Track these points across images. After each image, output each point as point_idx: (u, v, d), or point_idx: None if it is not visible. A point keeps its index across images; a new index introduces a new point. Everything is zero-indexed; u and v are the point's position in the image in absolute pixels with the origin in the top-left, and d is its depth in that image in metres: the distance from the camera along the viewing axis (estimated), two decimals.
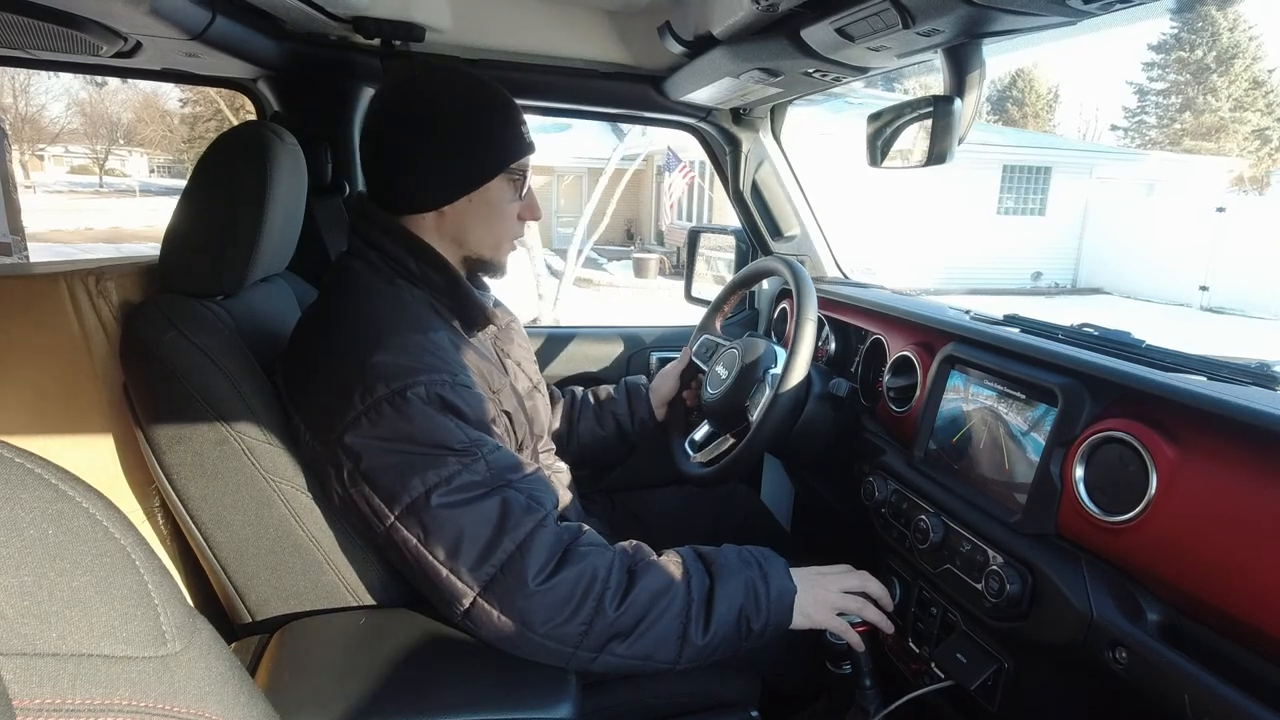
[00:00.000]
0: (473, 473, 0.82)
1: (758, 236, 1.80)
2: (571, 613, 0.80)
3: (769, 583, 0.89)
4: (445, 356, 0.88)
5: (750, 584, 0.88)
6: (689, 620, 0.84)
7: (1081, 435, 0.80)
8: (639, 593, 0.83)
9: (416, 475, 0.80)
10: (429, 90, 0.95)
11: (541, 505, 0.85)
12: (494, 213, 0.98)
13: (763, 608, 0.88)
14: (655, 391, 1.41)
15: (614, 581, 0.83)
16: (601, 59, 1.48)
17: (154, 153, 38.81)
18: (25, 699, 0.30)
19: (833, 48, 1.01)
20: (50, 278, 0.87)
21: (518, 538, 0.81)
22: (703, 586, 0.87)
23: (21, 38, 1.03)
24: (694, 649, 0.84)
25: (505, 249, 1.03)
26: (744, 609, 0.87)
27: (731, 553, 0.92)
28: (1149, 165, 16.35)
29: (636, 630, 0.82)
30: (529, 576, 0.80)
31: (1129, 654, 0.69)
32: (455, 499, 0.80)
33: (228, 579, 0.90)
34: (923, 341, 1.16)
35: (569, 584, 0.81)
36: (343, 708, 0.76)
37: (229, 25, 1.09)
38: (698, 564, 0.90)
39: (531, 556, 0.80)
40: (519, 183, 0.99)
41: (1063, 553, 0.80)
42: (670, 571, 0.87)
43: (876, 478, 1.11)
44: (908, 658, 1.07)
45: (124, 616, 0.35)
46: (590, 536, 0.88)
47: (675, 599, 0.85)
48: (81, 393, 0.88)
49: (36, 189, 18.91)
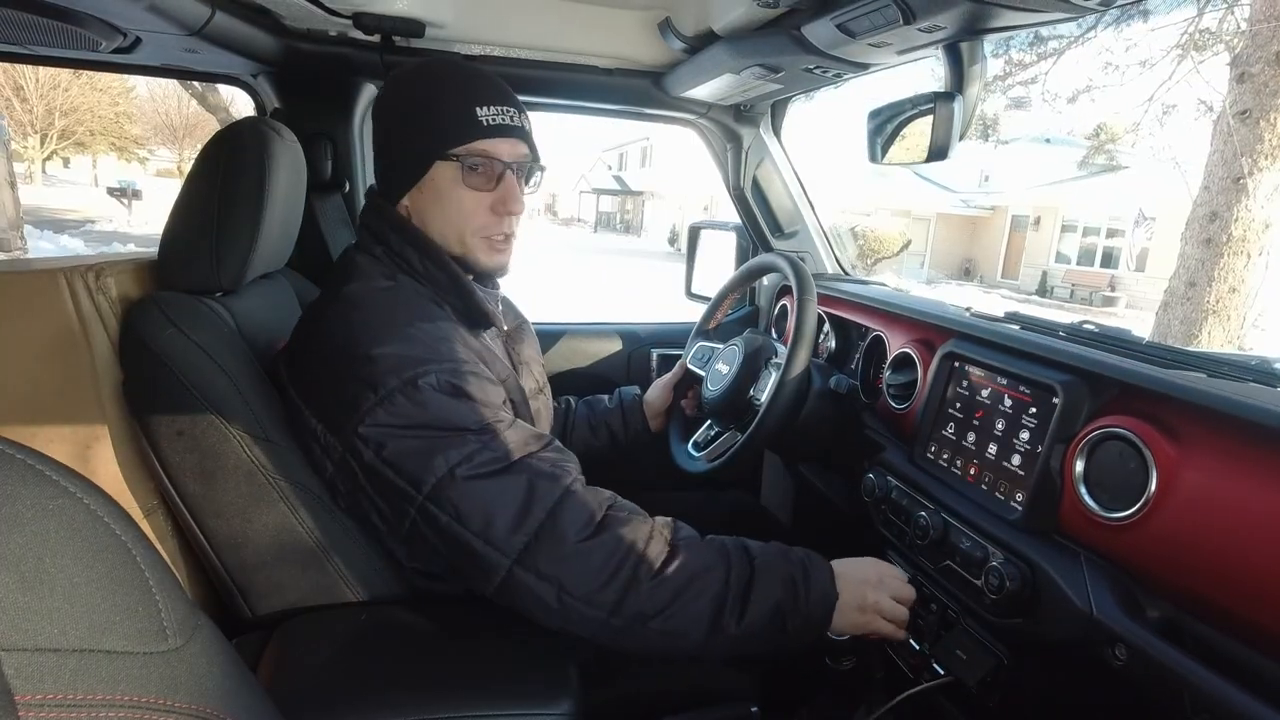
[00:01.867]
0: (493, 449, 0.82)
1: (758, 233, 1.80)
2: (609, 578, 0.80)
3: (810, 584, 0.87)
4: (452, 346, 0.88)
5: (792, 582, 0.86)
6: (724, 606, 0.83)
7: (1082, 432, 0.80)
8: (678, 569, 0.82)
9: (439, 455, 0.80)
10: (398, 77, 0.95)
11: (567, 472, 0.85)
12: (447, 204, 0.93)
13: (800, 608, 0.86)
14: (649, 403, 1.39)
15: (653, 553, 0.82)
16: (602, 55, 1.47)
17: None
18: (27, 694, 0.30)
19: (834, 44, 1.01)
20: (49, 273, 0.87)
21: (548, 505, 0.81)
22: (743, 576, 0.85)
23: (20, 33, 1.03)
24: (725, 638, 0.83)
25: (473, 244, 0.96)
26: (781, 605, 0.85)
27: (775, 549, 0.91)
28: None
29: (671, 607, 0.81)
30: (569, 537, 0.80)
31: (1128, 651, 0.69)
32: (481, 472, 0.81)
33: (228, 575, 0.90)
34: (923, 338, 1.16)
35: (608, 548, 0.80)
36: (344, 704, 0.76)
37: (228, 21, 1.09)
38: (741, 552, 0.88)
39: (566, 521, 0.81)
40: (479, 169, 0.92)
41: (1062, 549, 0.80)
42: (712, 553, 0.86)
43: (876, 474, 1.11)
44: (907, 653, 1.07)
45: (125, 612, 0.35)
46: (626, 504, 0.87)
47: (713, 582, 0.83)
48: (81, 388, 0.89)
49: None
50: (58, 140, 24.22)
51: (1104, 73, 8.85)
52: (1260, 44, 5.65)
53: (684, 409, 1.41)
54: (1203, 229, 5.99)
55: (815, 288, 1.19)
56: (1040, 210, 19.98)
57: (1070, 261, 19.02)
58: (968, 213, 22.05)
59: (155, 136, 31.77)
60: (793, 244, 1.77)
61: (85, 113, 24.55)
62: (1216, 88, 6.95)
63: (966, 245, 22.55)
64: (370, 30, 1.26)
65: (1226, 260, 5.88)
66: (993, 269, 21.43)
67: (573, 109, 1.70)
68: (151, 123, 30.34)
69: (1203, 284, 6.01)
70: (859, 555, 0.97)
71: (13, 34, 1.04)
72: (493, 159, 0.93)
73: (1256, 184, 5.73)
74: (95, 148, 28.33)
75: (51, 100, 22.72)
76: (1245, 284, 5.98)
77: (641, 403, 1.39)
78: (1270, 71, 5.67)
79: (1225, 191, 5.85)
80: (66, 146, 25.78)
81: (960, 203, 21.95)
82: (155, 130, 31.10)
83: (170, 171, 41.77)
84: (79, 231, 13.53)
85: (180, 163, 32.98)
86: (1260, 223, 5.79)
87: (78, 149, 27.90)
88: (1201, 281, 6.02)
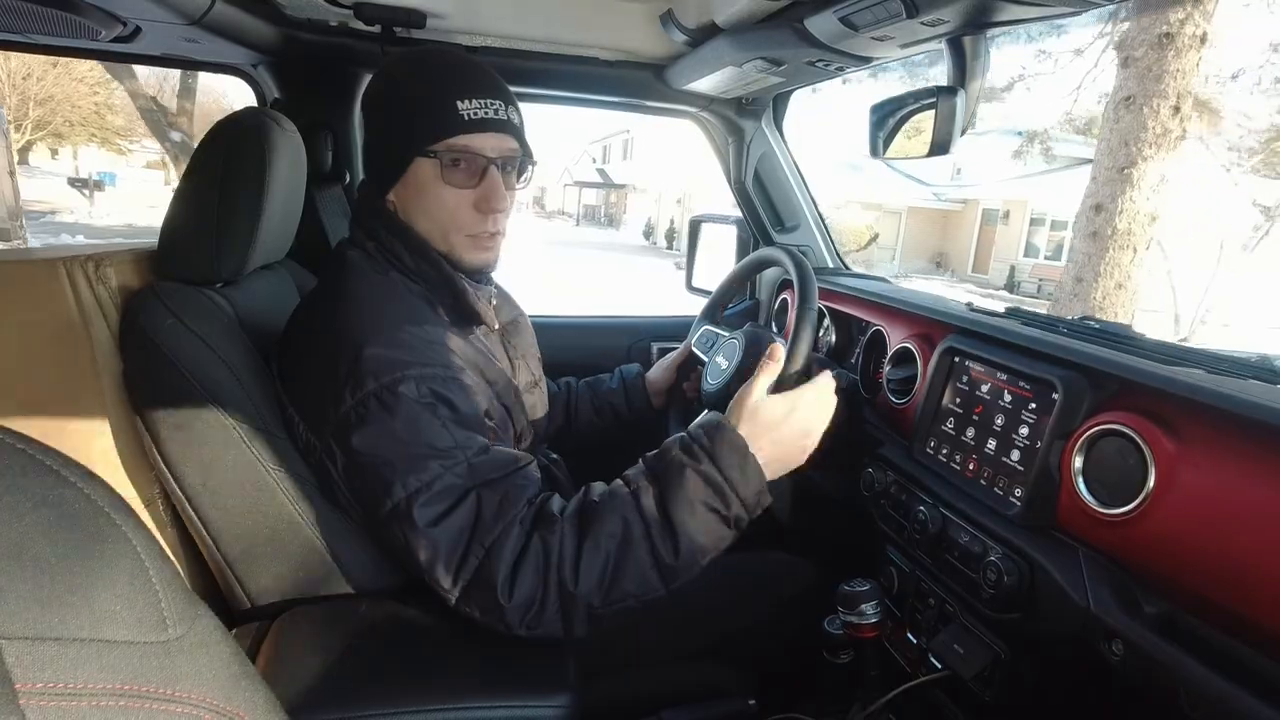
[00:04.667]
0: (455, 475, 0.81)
1: (759, 226, 1.80)
2: (541, 601, 0.79)
3: (720, 462, 0.83)
4: (438, 349, 0.87)
5: (702, 476, 0.82)
6: (654, 546, 0.80)
7: (1081, 428, 0.80)
8: (589, 550, 0.79)
9: (398, 480, 0.80)
10: (380, 72, 0.95)
11: (514, 504, 0.82)
12: (428, 201, 0.91)
13: (728, 492, 0.82)
14: (652, 381, 1.39)
15: (567, 553, 0.79)
16: (604, 47, 1.47)
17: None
18: (27, 683, 0.30)
19: (837, 37, 1.01)
20: (49, 263, 0.86)
21: (486, 543, 0.79)
22: (654, 504, 0.82)
23: (20, 22, 1.03)
24: (677, 567, 0.81)
25: (458, 242, 0.94)
26: (707, 504, 0.81)
27: (673, 448, 0.86)
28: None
29: (604, 582, 0.79)
30: (498, 586, 0.78)
31: (1125, 646, 0.69)
32: (434, 510, 0.79)
33: (227, 566, 0.91)
34: (923, 333, 1.16)
35: (530, 578, 0.79)
36: (342, 695, 0.76)
37: (229, 10, 1.09)
38: (643, 481, 0.84)
39: (499, 563, 0.79)
40: (460, 165, 0.90)
41: (1061, 545, 0.81)
42: (617, 507, 0.82)
43: (875, 468, 1.11)
44: (905, 648, 1.07)
45: (125, 601, 0.36)
46: (546, 514, 0.83)
47: (631, 533, 0.80)
48: (80, 378, 0.88)
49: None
50: (33, 131, 23.70)
51: (1036, 60, 8.67)
52: (1144, 26, 5.42)
53: (685, 392, 1.41)
54: (1089, 222, 5.74)
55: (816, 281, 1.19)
56: (1010, 204, 19.79)
57: (1039, 255, 18.91)
58: (939, 206, 21.85)
59: (140, 127, 31.46)
60: (793, 237, 1.77)
61: (62, 102, 23.60)
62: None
63: (939, 239, 22.38)
64: (371, 20, 1.26)
65: (1112, 254, 5.66)
66: (964, 263, 21.25)
67: (574, 101, 1.69)
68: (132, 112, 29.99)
69: (1089, 279, 5.77)
70: (858, 550, 0.97)
71: (13, 23, 1.04)
72: (475, 154, 0.90)
73: (1141, 174, 5.48)
74: (74, 139, 27.91)
75: (25, 90, 21.88)
76: (1132, 279, 5.69)
77: (644, 381, 1.38)
78: (1153, 55, 5.41)
79: (1110, 182, 5.62)
80: (43, 137, 25.31)
81: (932, 196, 21.77)
82: (139, 121, 30.69)
83: (158, 164, 41.66)
84: (38, 223, 13.50)
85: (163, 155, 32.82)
86: (1146, 215, 5.57)
87: (55, 140, 27.46)
88: (1089, 277, 5.78)
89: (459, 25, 1.36)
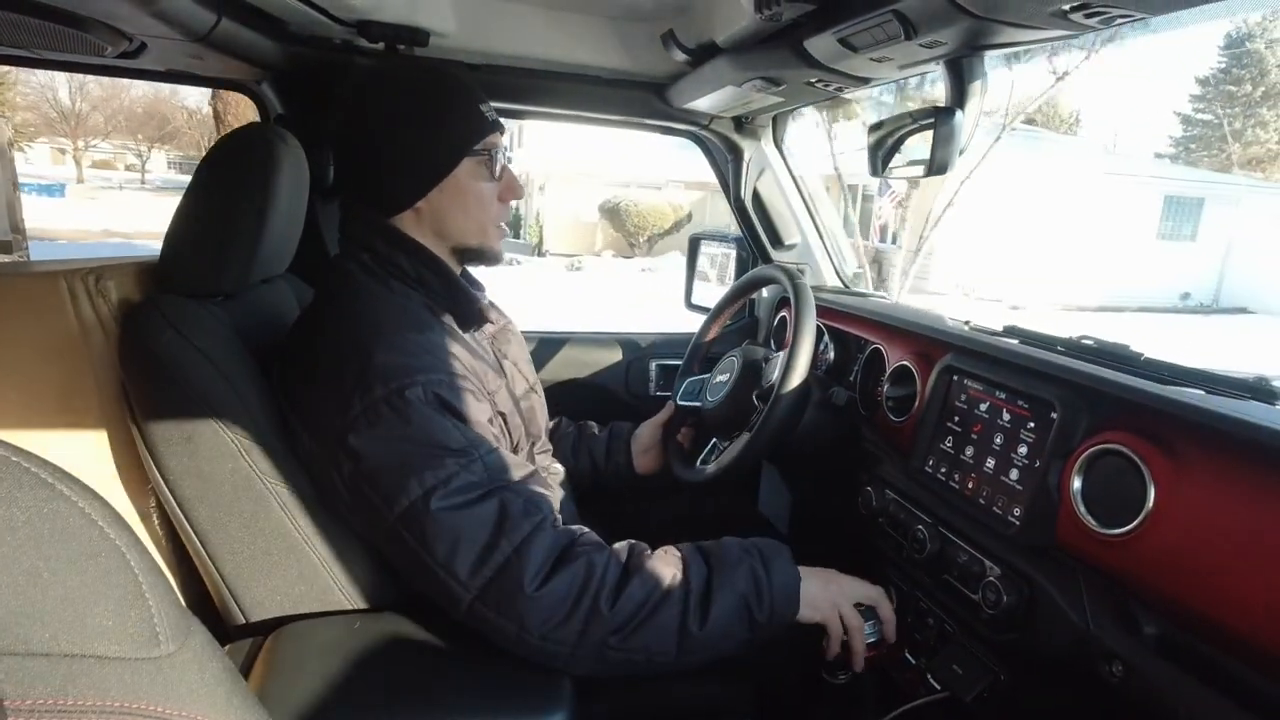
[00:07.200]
0: (470, 473, 0.82)
1: (758, 245, 1.80)
2: (568, 614, 0.79)
3: (771, 571, 0.87)
4: (442, 356, 0.88)
5: (752, 573, 0.86)
6: (687, 611, 0.82)
7: (1079, 448, 0.80)
8: (634, 587, 0.82)
9: (414, 477, 0.80)
10: (383, 86, 0.96)
11: (539, 508, 0.84)
12: (469, 199, 0.97)
13: (765, 597, 0.85)
14: (638, 438, 1.37)
15: (610, 579, 0.82)
16: (604, 66, 1.48)
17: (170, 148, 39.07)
18: (17, 699, 0.30)
19: (835, 58, 1.02)
20: (50, 276, 0.87)
21: (515, 540, 0.80)
22: (701, 576, 0.85)
23: (27, 37, 1.03)
24: (694, 641, 0.82)
25: (492, 234, 1.01)
26: (745, 598, 0.85)
27: (733, 544, 0.91)
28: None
29: (631, 624, 0.81)
30: (526, 580, 0.79)
31: (1125, 667, 0.69)
32: (454, 502, 0.80)
33: (222, 580, 0.90)
34: (921, 351, 1.16)
35: (565, 585, 0.80)
36: (336, 712, 0.76)
37: (234, 27, 1.10)
38: (697, 556, 0.88)
39: (529, 560, 0.80)
40: (490, 163, 0.97)
41: (1059, 565, 0.80)
42: (668, 564, 0.86)
43: (874, 487, 1.11)
44: (903, 668, 1.06)
45: (118, 617, 0.35)
46: (588, 537, 0.87)
47: (672, 591, 0.83)
48: (79, 392, 0.88)
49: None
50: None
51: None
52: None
53: (680, 442, 1.39)
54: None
55: (814, 300, 1.19)
56: (828, 180, 19.21)
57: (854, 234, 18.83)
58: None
59: (47, 128, 31.17)
60: (793, 256, 1.77)
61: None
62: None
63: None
64: (374, 38, 1.27)
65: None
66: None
67: (574, 119, 1.71)
68: (38, 111, 29.64)
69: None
70: (856, 569, 0.97)
71: (19, 38, 1.05)
72: (496, 151, 0.98)
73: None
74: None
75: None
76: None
77: (629, 438, 1.37)
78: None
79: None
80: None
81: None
82: (46, 122, 30.49)
83: (108, 163, 40.66)
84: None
85: (75, 152, 32.67)
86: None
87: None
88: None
89: (462, 44, 1.37)
